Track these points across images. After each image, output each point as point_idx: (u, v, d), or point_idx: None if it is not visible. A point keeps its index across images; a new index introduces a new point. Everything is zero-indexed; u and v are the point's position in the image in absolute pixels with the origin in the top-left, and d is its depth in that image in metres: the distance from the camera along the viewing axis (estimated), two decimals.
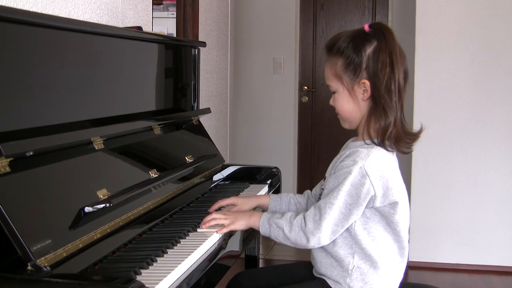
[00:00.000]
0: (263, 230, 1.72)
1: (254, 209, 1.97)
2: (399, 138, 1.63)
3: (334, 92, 1.70)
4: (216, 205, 1.93)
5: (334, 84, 1.68)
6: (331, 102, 1.72)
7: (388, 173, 1.62)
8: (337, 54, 1.66)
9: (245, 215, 1.78)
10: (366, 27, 1.65)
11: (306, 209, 1.93)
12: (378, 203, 1.62)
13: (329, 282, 1.70)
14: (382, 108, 1.61)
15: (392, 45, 1.62)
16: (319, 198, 1.71)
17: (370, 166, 1.59)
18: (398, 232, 1.67)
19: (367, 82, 1.62)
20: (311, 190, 1.96)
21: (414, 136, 1.68)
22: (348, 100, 1.67)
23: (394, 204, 1.63)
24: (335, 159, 1.72)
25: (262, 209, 2.00)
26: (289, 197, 1.97)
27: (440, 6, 3.86)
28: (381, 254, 1.66)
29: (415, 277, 3.78)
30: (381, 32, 1.63)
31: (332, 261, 1.69)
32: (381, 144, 1.64)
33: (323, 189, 1.71)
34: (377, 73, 1.61)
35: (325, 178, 1.76)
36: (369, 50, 1.62)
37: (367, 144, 1.65)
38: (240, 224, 1.75)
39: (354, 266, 1.65)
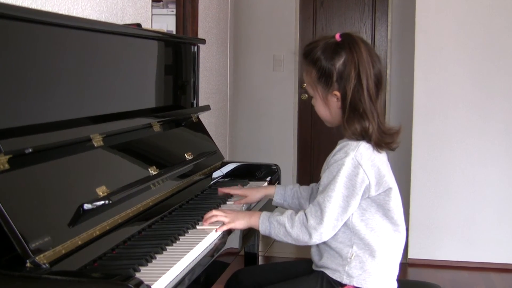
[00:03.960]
0: (263, 228, 1.73)
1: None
2: (378, 142, 1.68)
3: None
4: (226, 190, 2.07)
5: (310, 91, 1.76)
6: (312, 102, 1.78)
7: (378, 161, 1.67)
8: (311, 63, 1.72)
9: (245, 214, 1.79)
10: (338, 37, 1.70)
11: (309, 203, 1.95)
12: (373, 192, 1.66)
13: (328, 272, 1.71)
14: (354, 116, 1.66)
15: (359, 57, 1.66)
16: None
17: (361, 156, 1.64)
18: (396, 221, 1.71)
19: (338, 94, 1.68)
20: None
21: (392, 137, 1.71)
22: (323, 107, 1.74)
23: (388, 191, 1.68)
24: (328, 157, 1.75)
25: (269, 198, 2.08)
26: (293, 190, 2.02)
27: (440, 4, 3.85)
28: (379, 243, 1.69)
29: (415, 275, 3.78)
30: (348, 45, 1.67)
31: (333, 252, 1.71)
32: (366, 140, 1.68)
33: (319, 187, 1.73)
34: (345, 86, 1.66)
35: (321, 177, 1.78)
36: (338, 63, 1.67)
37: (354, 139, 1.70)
38: (240, 223, 1.76)
39: (353, 254, 1.68)
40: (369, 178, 1.64)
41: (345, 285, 1.68)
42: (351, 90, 1.65)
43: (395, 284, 1.75)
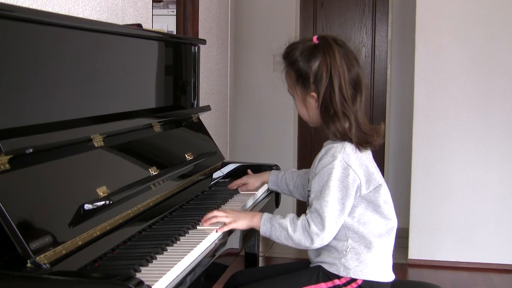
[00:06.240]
0: (264, 230, 1.74)
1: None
2: (359, 141, 1.71)
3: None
4: (233, 185, 2.22)
5: (291, 91, 1.81)
6: (294, 102, 1.81)
7: (365, 159, 1.72)
8: (289, 65, 1.77)
9: (247, 215, 1.79)
10: (315, 39, 1.74)
11: (299, 190, 2.07)
12: (364, 190, 1.70)
13: (325, 266, 1.73)
14: (327, 117, 1.71)
15: (331, 60, 1.69)
16: (307, 201, 1.77)
17: (348, 157, 1.68)
18: (386, 215, 1.74)
19: (315, 95, 1.72)
20: None
21: (373, 137, 1.73)
22: (302, 107, 1.79)
23: (378, 188, 1.72)
24: (314, 160, 1.78)
25: (266, 183, 2.23)
26: (284, 177, 2.14)
27: (441, 4, 3.85)
28: (373, 235, 1.72)
29: (415, 275, 3.78)
30: (322, 48, 1.70)
31: (330, 248, 1.73)
32: (348, 141, 1.71)
33: (309, 190, 1.74)
34: (320, 89, 1.70)
35: (309, 180, 1.79)
36: (314, 65, 1.71)
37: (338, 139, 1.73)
38: (242, 224, 1.77)
39: (348, 247, 1.71)
40: (360, 177, 1.68)
41: (342, 277, 1.70)
42: (323, 92, 1.69)
43: (392, 275, 1.76)
